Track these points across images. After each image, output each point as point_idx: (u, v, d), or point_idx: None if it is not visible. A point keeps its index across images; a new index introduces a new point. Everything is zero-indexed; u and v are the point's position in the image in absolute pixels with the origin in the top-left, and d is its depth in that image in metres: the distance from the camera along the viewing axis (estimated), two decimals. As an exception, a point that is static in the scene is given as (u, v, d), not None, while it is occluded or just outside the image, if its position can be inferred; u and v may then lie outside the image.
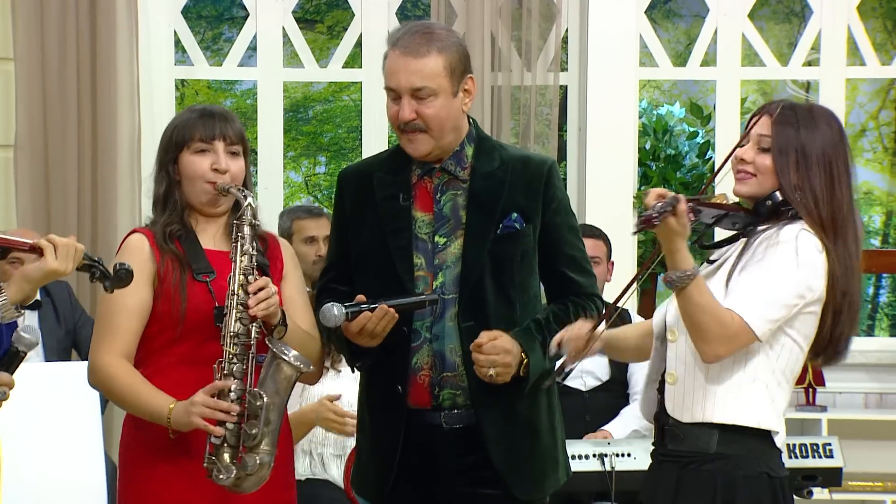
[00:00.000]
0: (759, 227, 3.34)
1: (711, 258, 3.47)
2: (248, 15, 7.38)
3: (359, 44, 7.35)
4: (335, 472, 5.07)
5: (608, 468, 4.98)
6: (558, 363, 3.44)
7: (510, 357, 3.42)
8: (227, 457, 3.33)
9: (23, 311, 3.23)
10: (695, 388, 3.30)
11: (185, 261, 3.47)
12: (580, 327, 3.38)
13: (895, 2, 10.03)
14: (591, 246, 5.69)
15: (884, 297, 12.07)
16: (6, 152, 6.80)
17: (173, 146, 3.54)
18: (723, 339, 3.18)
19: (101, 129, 6.76)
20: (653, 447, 3.49)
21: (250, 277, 3.40)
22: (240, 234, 3.43)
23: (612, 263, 6.05)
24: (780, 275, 3.21)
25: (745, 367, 3.27)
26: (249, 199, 3.47)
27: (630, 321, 5.45)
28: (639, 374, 5.78)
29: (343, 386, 4.65)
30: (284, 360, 3.34)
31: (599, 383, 5.77)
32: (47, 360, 5.61)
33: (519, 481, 3.54)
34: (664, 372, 3.43)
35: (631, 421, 5.58)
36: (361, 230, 3.63)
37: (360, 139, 7.57)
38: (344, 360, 3.82)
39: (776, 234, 3.27)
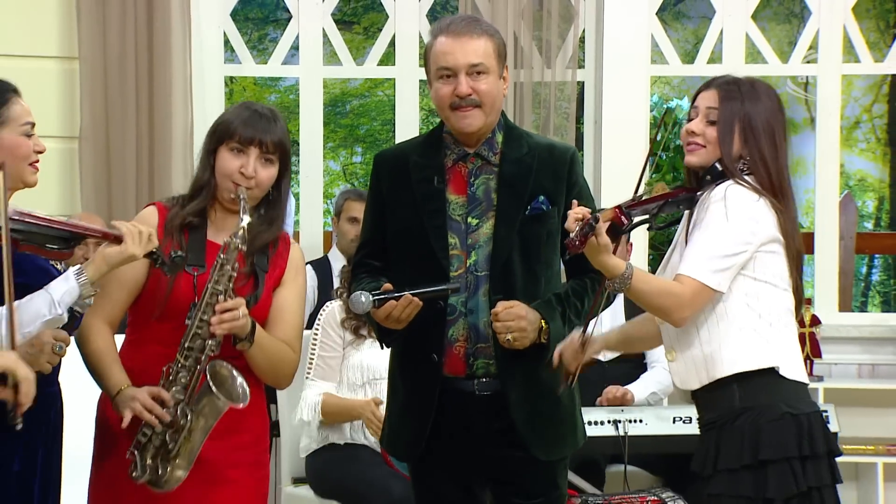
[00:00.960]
0: (698, 195, 3.35)
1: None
2: (290, 17, 7.37)
3: (392, 43, 7.33)
4: (372, 438, 5.08)
5: (622, 433, 4.98)
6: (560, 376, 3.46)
7: (525, 322, 3.42)
8: (148, 457, 3.28)
9: (95, 292, 3.23)
10: (693, 359, 3.31)
11: (184, 250, 3.39)
12: (571, 338, 3.40)
13: (888, 3, 10.02)
14: None
15: (876, 275, 12.02)
16: (72, 143, 6.82)
17: (216, 138, 3.47)
18: (681, 306, 3.21)
19: (156, 122, 6.77)
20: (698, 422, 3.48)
21: (220, 297, 3.29)
22: (226, 251, 3.33)
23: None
24: (714, 230, 3.22)
25: (729, 323, 3.27)
26: (244, 223, 3.34)
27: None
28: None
29: (381, 356, 4.65)
30: (213, 393, 3.26)
31: (617, 354, 5.76)
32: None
33: (539, 443, 3.55)
34: None
35: (650, 384, 5.58)
36: (398, 210, 3.62)
37: (394, 131, 7.56)
38: None
39: (708, 196, 3.29)
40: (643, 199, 3.34)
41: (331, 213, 7.45)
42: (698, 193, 3.35)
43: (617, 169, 7.13)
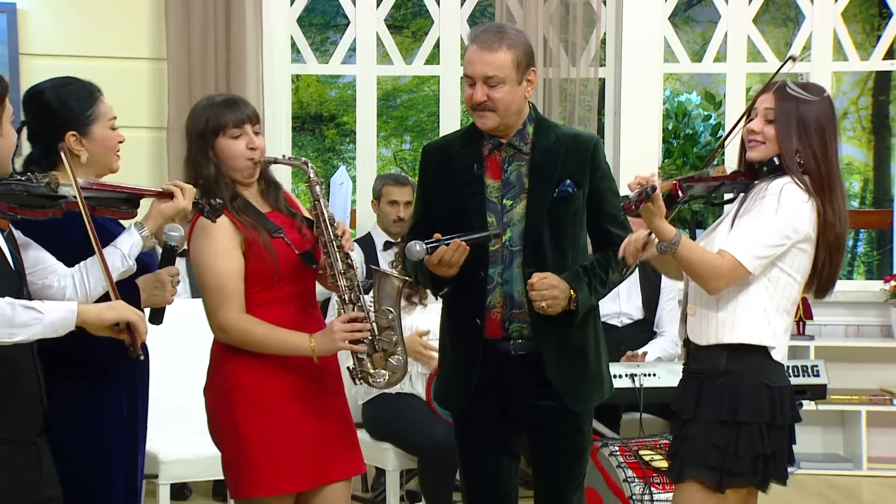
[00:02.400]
0: (755, 183, 3.35)
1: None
2: (349, 22, 7.37)
3: (437, 45, 7.32)
4: (420, 388, 5.10)
5: (638, 385, 4.98)
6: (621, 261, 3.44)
7: (557, 291, 3.42)
8: (370, 365, 3.35)
9: (155, 242, 3.30)
10: (709, 318, 3.33)
11: (258, 226, 3.41)
12: (637, 234, 3.37)
13: (873, 8, 9.91)
14: (637, 221, 5.69)
15: (861, 248, 11.96)
16: (160, 133, 6.85)
17: (209, 136, 3.42)
18: (718, 277, 3.23)
19: (233, 115, 6.81)
20: (682, 367, 3.51)
21: (335, 223, 3.38)
22: (317, 195, 3.40)
23: None
24: (764, 220, 3.24)
25: (747, 298, 3.29)
26: (312, 176, 3.43)
27: None
28: (664, 316, 5.81)
29: (430, 320, 4.68)
30: (390, 275, 3.37)
31: (632, 321, 5.77)
32: (193, 297, 5.67)
33: (571, 395, 3.56)
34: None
35: (657, 350, 5.61)
36: (443, 193, 3.63)
37: (438, 122, 7.56)
38: (431, 295, 3.81)
39: (766, 188, 3.30)
40: (704, 177, 3.37)
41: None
42: (755, 182, 3.36)
43: (634, 154, 7.15)
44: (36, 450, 2.87)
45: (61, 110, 3.24)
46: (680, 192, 3.26)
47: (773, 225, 3.23)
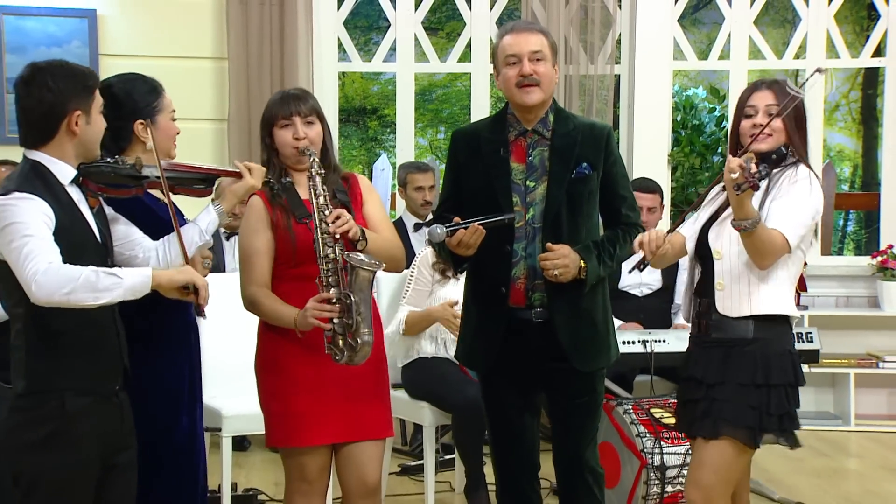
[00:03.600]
0: (774, 171, 3.31)
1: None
2: (389, 25, 7.37)
3: (469, 45, 7.31)
4: (453, 352, 5.09)
5: (648, 350, 4.96)
6: (638, 258, 3.40)
7: (567, 260, 3.40)
8: (340, 342, 3.28)
9: (231, 219, 3.33)
10: (741, 293, 3.29)
11: (289, 209, 3.41)
12: (656, 233, 3.33)
13: (862, 11, 9.83)
14: (649, 198, 5.66)
15: (850, 227, 11.93)
16: (222, 125, 6.86)
17: (267, 123, 3.47)
18: (774, 254, 3.22)
19: (286, 108, 6.82)
20: (692, 337, 3.47)
21: (326, 212, 3.31)
22: (312, 183, 3.35)
23: (663, 207, 5.95)
24: (802, 202, 3.23)
25: (775, 273, 3.27)
26: (312, 164, 3.36)
27: None
28: (682, 285, 5.76)
29: (461, 290, 4.66)
30: (358, 267, 3.27)
31: (651, 291, 5.74)
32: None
33: (579, 357, 3.54)
34: (698, 281, 3.43)
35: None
36: (471, 175, 3.60)
37: (469, 114, 7.56)
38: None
39: (794, 173, 3.28)
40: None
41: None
42: (774, 170, 3.31)
43: (646, 142, 7.17)
44: (118, 402, 2.92)
45: (127, 101, 3.27)
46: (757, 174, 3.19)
47: (808, 207, 3.24)
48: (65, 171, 2.85)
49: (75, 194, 2.87)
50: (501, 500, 3.77)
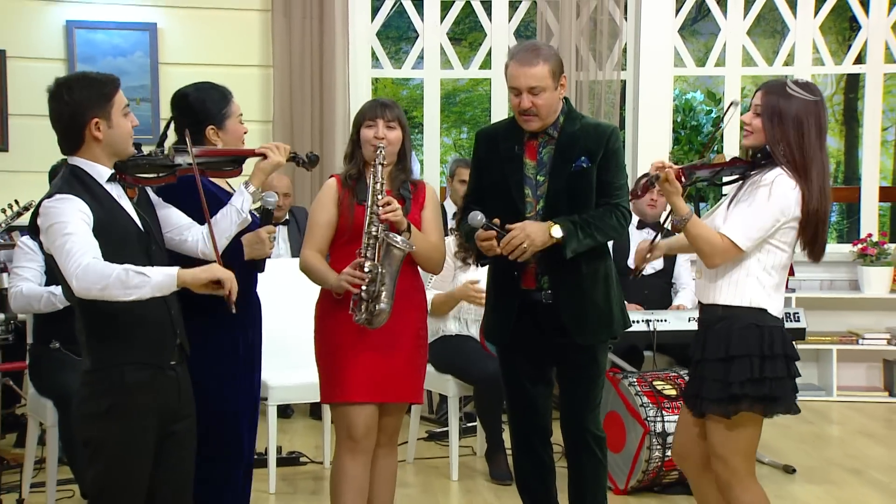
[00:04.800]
0: (752, 172, 3.24)
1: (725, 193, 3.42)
2: (417, 35, 7.34)
3: (489, 53, 7.29)
4: (474, 331, 5.08)
5: (652, 329, 4.93)
6: (633, 266, 3.43)
7: (524, 234, 3.34)
8: (363, 307, 3.36)
9: (263, 196, 3.30)
10: (709, 283, 3.25)
11: (355, 192, 3.50)
12: (642, 243, 3.36)
13: (845, 22, 9.74)
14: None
15: (834, 217, 11.90)
16: (267, 126, 6.86)
17: (357, 123, 3.57)
18: (716, 254, 3.14)
19: (325, 111, 6.81)
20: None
21: (379, 196, 3.39)
22: (373, 170, 3.43)
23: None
24: (758, 207, 3.12)
25: (740, 268, 3.18)
26: (379, 157, 3.44)
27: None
28: (682, 271, 5.75)
29: (482, 274, 4.63)
30: (392, 244, 3.36)
31: (654, 272, 5.69)
32: (293, 256, 5.69)
33: (577, 332, 3.50)
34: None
35: (685, 300, 5.58)
36: (491, 169, 3.58)
37: (489, 116, 7.54)
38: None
39: (760, 177, 3.18)
40: (707, 163, 3.30)
41: (445, 173, 7.45)
42: (752, 171, 3.24)
43: (649, 141, 7.13)
44: (175, 375, 2.91)
45: (201, 110, 3.31)
46: (683, 178, 3.20)
47: (765, 211, 3.12)
48: (101, 172, 2.85)
49: (114, 190, 2.87)
50: (517, 460, 3.76)
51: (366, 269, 3.34)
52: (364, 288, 3.33)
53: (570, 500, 3.67)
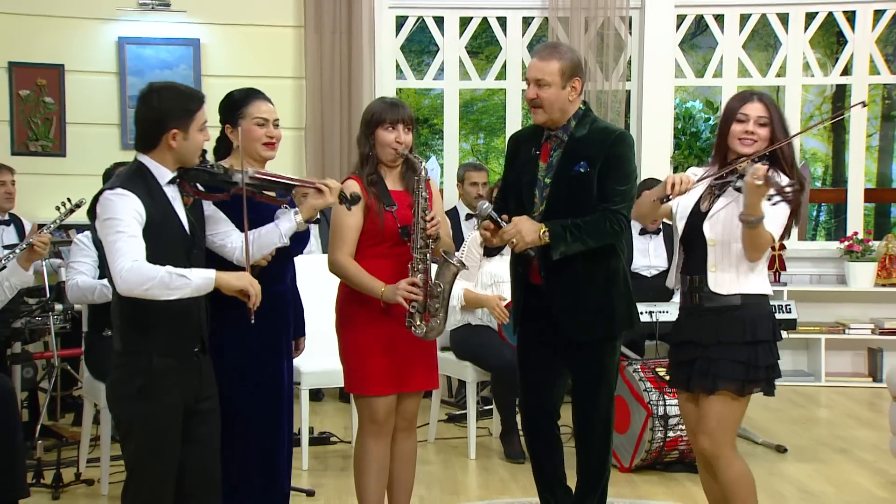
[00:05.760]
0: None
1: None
2: (438, 49, 7.32)
3: (504, 66, 7.26)
4: (495, 323, 5.05)
5: (654, 320, 4.90)
6: (670, 196, 3.16)
7: (515, 230, 3.25)
8: (417, 319, 3.30)
9: (308, 227, 3.24)
10: (729, 276, 3.19)
11: (379, 197, 3.37)
12: (685, 177, 3.16)
13: (832, 37, 9.68)
14: None
15: (823, 217, 11.84)
16: (300, 132, 6.85)
17: (373, 124, 3.39)
18: (763, 248, 3.14)
19: (353, 119, 6.77)
20: (684, 308, 3.33)
21: (427, 213, 3.31)
22: (419, 187, 3.34)
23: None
24: (784, 206, 3.08)
25: (753, 262, 3.19)
26: (423, 164, 3.38)
27: None
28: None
29: (504, 267, 4.53)
30: (451, 262, 3.31)
31: (658, 272, 5.65)
32: (323, 252, 5.69)
33: (569, 327, 3.39)
34: (685, 261, 3.31)
35: None
36: (513, 170, 3.53)
37: (504, 123, 7.51)
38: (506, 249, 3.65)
39: (780, 180, 3.15)
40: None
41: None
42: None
43: (651, 147, 7.09)
44: (198, 361, 2.91)
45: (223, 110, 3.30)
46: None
47: (787, 209, 3.10)
48: (163, 174, 2.85)
49: (170, 192, 2.86)
50: (529, 442, 3.70)
51: (430, 286, 3.29)
52: (419, 302, 3.27)
53: (579, 475, 3.63)
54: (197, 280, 2.70)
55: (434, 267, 3.40)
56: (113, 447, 4.42)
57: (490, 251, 4.91)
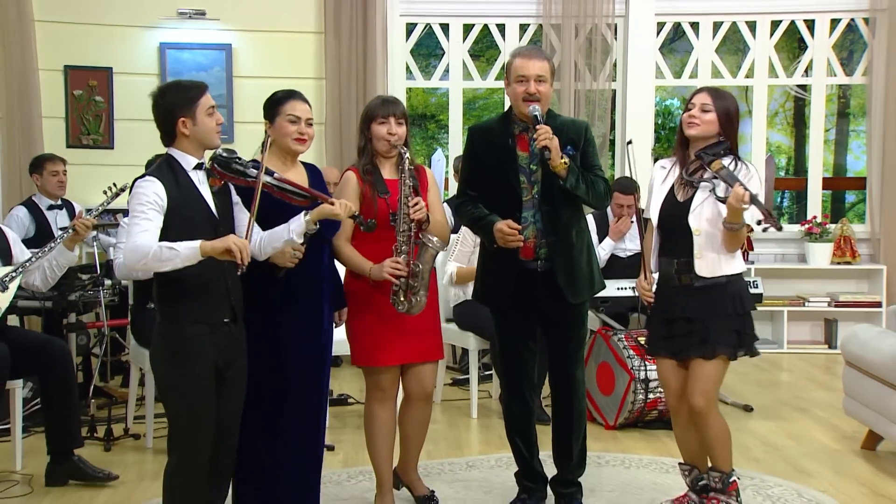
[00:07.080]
0: (729, 163, 3.20)
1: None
2: (444, 52, 7.28)
3: (503, 68, 7.17)
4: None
5: (637, 294, 4.86)
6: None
7: (551, 134, 3.22)
8: (401, 296, 3.26)
9: (316, 227, 3.02)
10: (713, 261, 3.20)
11: (373, 185, 3.32)
12: (644, 282, 3.40)
13: (794, 42, 9.61)
14: (627, 198, 5.35)
15: (785, 202, 11.84)
16: (320, 128, 6.77)
17: (368, 119, 3.38)
18: (741, 244, 3.23)
19: (369, 115, 6.78)
20: (671, 286, 3.30)
21: (409, 199, 3.26)
22: (403, 175, 3.28)
23: (638, 202, 5.41)
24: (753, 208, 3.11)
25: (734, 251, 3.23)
26: (406, 154, 3.31)
27: None
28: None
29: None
30: (428, 245, 3.26)
31: (633, 254, 5.49)
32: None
33: (572, 293, 3.38)
34: (664, 244, 3.31)
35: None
36: (487, 161, 3.42)
37: (503, 119, 7.46)
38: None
39: (747, 171, 3.18)
40: (723, 173, 3.19)
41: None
42: (729, 163, 3.21)
43: (634, 141, 6.82)
44: (228, 330, 2.87)
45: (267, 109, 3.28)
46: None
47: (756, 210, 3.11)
48: (188, 161, 2.86)
49: (196, 177, 2.86)
50: (507, 407, 3.60)
51: (411, 267, 3.23)
52: (401, 280, 3.23)
53: (555, 437, 3.55)
54: (185, 251, 2.68)
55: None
56: (156, 406, 4.43)
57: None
